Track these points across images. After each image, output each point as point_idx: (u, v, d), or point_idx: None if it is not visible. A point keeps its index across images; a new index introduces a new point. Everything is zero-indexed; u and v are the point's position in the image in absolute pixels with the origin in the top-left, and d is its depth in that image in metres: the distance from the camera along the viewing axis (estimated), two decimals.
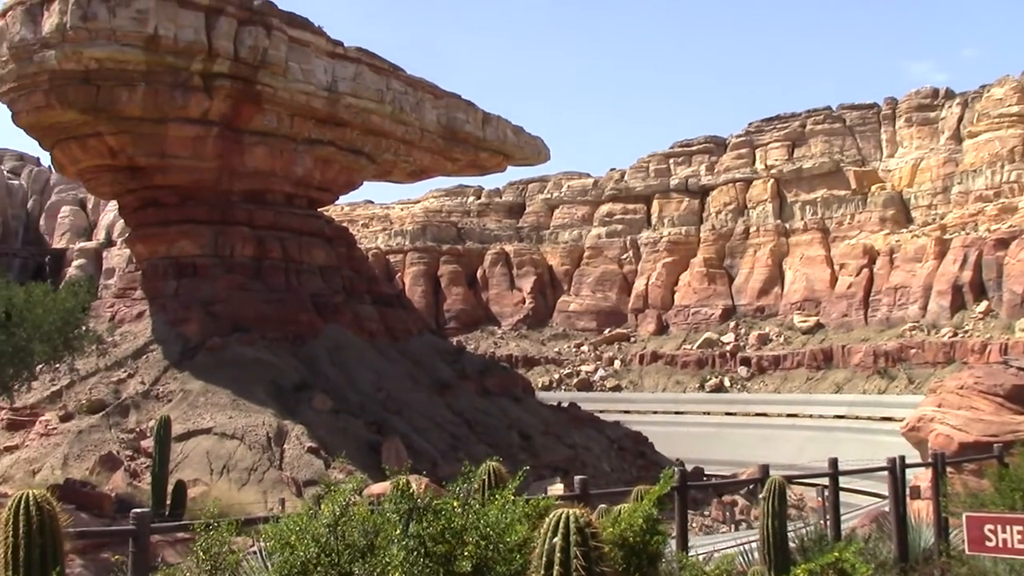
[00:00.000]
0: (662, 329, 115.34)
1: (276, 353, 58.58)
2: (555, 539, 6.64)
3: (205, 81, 58.50)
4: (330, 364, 60.65)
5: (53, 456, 45.49)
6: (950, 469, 21.68)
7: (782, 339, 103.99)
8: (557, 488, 36.20)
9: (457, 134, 76.05)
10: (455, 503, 7.58)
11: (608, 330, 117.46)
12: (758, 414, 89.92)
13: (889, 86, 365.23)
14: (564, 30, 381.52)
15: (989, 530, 10.32)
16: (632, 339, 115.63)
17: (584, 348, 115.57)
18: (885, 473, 16.88)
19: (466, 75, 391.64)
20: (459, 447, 56.23)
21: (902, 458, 17.08)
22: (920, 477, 23.74)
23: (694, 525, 46.34)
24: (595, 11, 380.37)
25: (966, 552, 12.41)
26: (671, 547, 10.76)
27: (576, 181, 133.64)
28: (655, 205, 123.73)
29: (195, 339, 58.44)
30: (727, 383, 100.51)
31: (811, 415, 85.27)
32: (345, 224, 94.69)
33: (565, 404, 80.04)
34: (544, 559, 6.64)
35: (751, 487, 51.58)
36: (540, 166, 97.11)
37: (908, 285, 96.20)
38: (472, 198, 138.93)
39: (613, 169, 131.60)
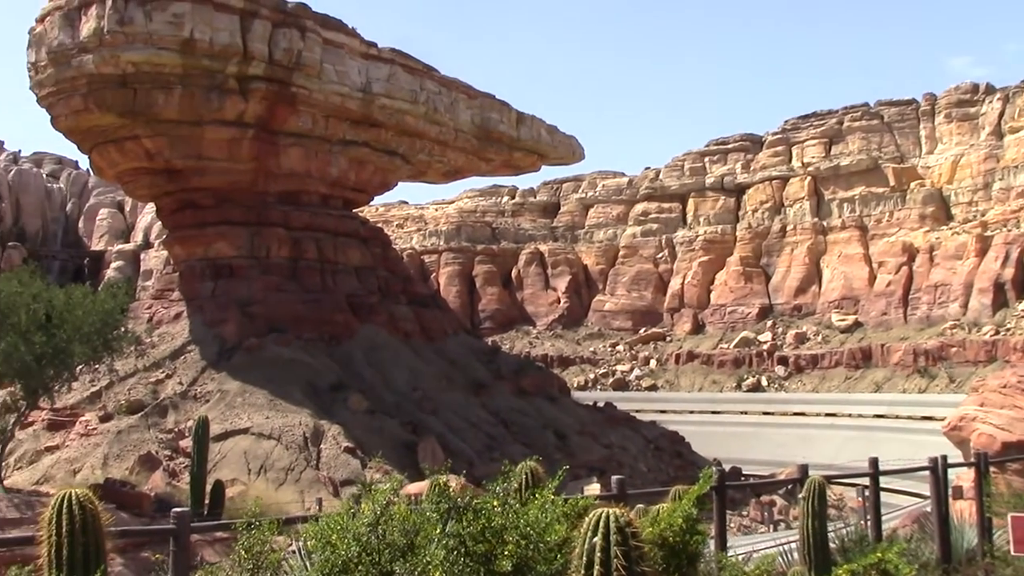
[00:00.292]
0: (698, 328, 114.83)
1: (312, 353, 58.84)
2: (595, 539, 6.61)
3: (240, 84, 58.93)
4: (366, 364, 60.84)
5: (93, 456, 45.95)
6: (993, 469, 21.35)
7: (820, 338, 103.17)
8: (594, 488, 36.03)
9: (491, 134, 76.10)
10: (495, 502, 7.55)
11: (644, 329, 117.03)
12: (796, 413, 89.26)
13: (928, 82, 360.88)
14: (599, 29, 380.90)
15: None
16: (668, 338, 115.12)
17: (620, 348, 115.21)
18: (926, 473, 16.67)
19: (500, 74, 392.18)
20: (495, 447, 56.27)
21: (944, 458, 16.88)
22: (962, 477, 23.48)
23: (732, 525, 46.04)
24: (630, 9, 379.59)
25: (1012, 553, 12.24)
26: (710, 547, 10.68)
27: (611, 180, 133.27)
28: (690, 204, 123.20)
29: (232, 340, 58.82)
30: (764, 382, 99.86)
31: (850, 415, 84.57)
32: (380, 225, 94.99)
33: (601, 404, 79.84)
34: (584, 559, 6.62)
35: (789, 487, 51.25)
36: (574, 165, 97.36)
37: (948, 283, 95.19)
38: (506, 198, 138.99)
39: (648, 168, 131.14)
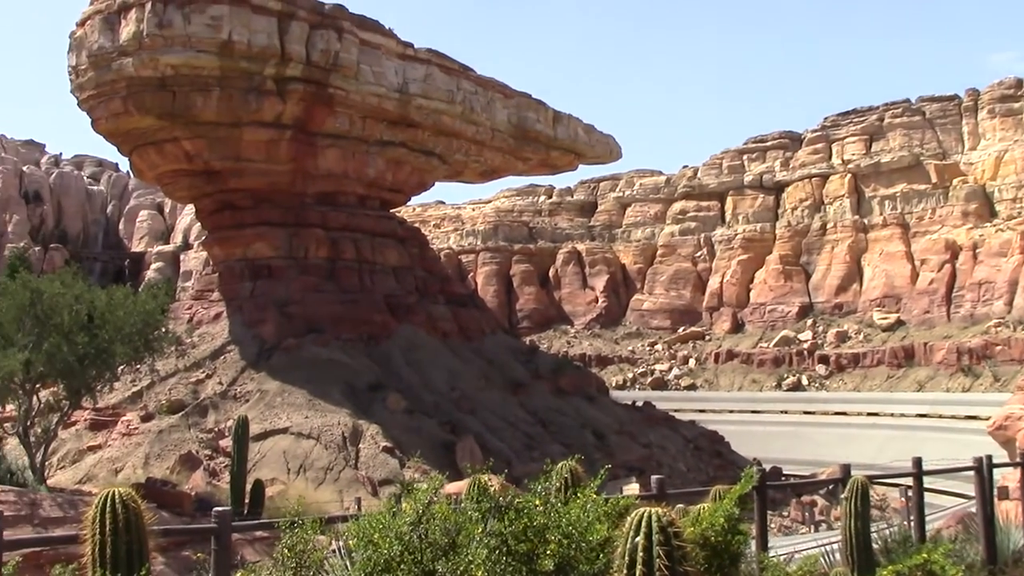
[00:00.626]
0: (737, 327, 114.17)
1: (350, 353, 59.06)
2: (637, 538, 6.56)
3: (278, 85, 59.28)
4: (404, 364, 60.97)
5: (135, 455, 46.37)
6: None
7: (861, 336, 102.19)
8: (633, 488, 35.86)
9: (528, 133, 76.03)
10: (537, 501, 7.51)
11: (682, 328, 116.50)
12: (837, 413, 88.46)
13: (969, 78, 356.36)
14: (635, 27, 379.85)
15: None
16: (707, 337, 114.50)
17: (658, 347, 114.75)
18: (971, 473, 16.42)
19: (536, 73, 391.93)
20: (533, 447, 56.22)
21: (989, 457, 16.59)
22: (1008, 477, 23.18)
23: (772, 526, 45.65)
24: (667, 7, 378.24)
25: None
26: (751, 548, 10.58)
27: (648, 179, 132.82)
28: (729, 202, 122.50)
29: (271, 340, 59.17)
30: (805, 381, 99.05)
31: (892, 414, 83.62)
32: (417, 225, 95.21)
33: (639, 403, 79.58)
34: (627, 558, 6.57)
35: (831, 487, 50.76)
36: (612, 164, 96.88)
37: (993, 280, 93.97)
38: (543, 197, 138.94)
39: (686, 166, 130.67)
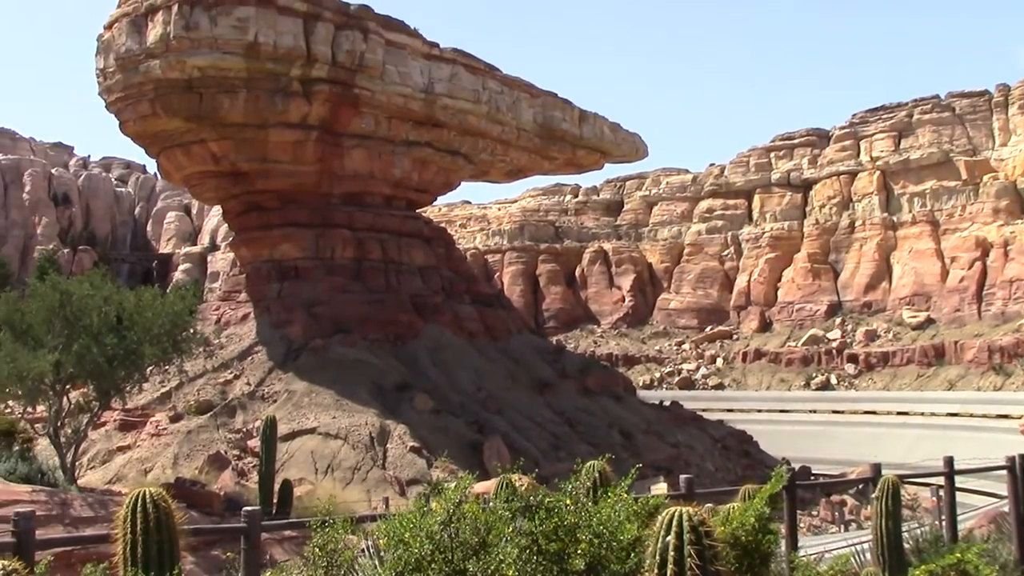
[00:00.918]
0: (765, 326, 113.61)
1: (377, 354, 59.19)
2: (668, 538, 6.52)
3: (304, 86, 59.50)
4: (431, 364, 61.05)
5: (164, 456, 46.66)
6: None
7: (891, 335, 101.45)
8: (661, 487, 35.74)
9: (554, 132, 75.97)
10: (568, 501, 7.48)
11: (710, 328, 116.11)
12: (866, 412, 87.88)
13: (999, 73, 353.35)
14: (662, 25, 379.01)
15: None
16: (735, 336, 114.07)
17: (685, 346, 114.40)
18: (1003, 472, 16.31)
19: (562, 72, 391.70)
20: (560, 446, 56.15)
21: (1022, 456, 16.44)
22: None
23: (802, 525, 45.40)
24: (694, 5, 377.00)
25: None
26: (781, 547, 10.53)
27: (675, 177, 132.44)
28: (756, 200, 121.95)
29: (298, 340, 59.39)
30: (834, 380, 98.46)
31: (922, 413, 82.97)
32: (443, 225, 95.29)
33: (667, 403, 79.34)
34: (658, 557, 6.54)
35: (860, 487, 50.39)
36: (638, 163, 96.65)
37: None
38: (569, 196, 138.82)
39: (712, 164, 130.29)
